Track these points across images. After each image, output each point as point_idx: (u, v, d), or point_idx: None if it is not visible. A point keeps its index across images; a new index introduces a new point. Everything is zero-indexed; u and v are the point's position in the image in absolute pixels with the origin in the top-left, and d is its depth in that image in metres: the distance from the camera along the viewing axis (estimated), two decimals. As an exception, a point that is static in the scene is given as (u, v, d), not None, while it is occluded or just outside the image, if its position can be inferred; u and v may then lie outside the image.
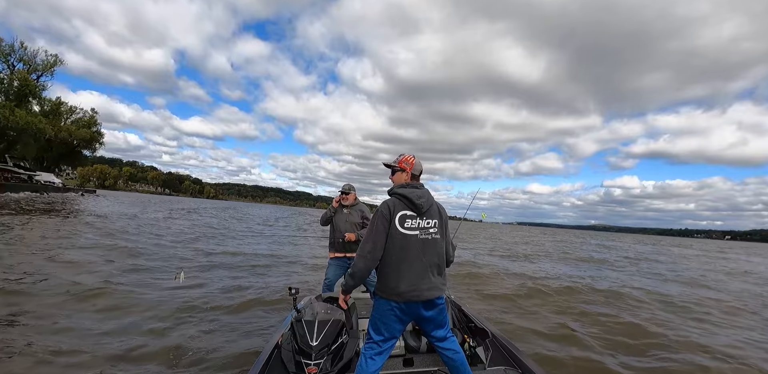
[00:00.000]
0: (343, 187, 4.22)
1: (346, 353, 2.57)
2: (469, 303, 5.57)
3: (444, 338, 2.29)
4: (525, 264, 12.06)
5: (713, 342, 4.68)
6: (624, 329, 4.97)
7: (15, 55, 36.31)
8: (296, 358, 2.43)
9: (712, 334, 5.10)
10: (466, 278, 8.36)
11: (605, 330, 4.91)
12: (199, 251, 9.70)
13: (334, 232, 4.13)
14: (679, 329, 5.17)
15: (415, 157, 2.36)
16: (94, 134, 50.16)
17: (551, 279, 8.90)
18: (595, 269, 12.15)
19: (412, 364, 2.81)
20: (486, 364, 2.68)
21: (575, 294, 7.19)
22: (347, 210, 4.16)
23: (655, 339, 4.63)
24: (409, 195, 2.19)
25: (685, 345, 4.49)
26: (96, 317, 4.24)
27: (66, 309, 4.35)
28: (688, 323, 5.62)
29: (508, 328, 4.72)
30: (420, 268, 2.13)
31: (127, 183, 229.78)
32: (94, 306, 4.55)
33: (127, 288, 5.37)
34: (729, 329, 5.46)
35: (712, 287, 9.70)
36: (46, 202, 25.30)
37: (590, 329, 4.91)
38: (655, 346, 4.42)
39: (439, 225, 2.25)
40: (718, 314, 6.39)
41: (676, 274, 12.01)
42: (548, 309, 5.91)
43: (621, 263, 14.88)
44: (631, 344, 4.42)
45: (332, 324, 2.55)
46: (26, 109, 35.63)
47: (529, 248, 20.54)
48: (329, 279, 4.09)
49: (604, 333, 4.75)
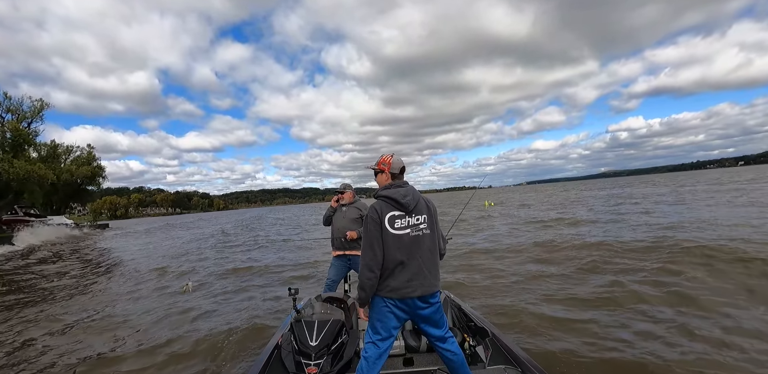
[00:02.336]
0: (340, 186, 4.34)
1: (345, 353, 2.59)
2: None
3: (442, 338, 2.31)
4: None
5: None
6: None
7: (2, 107, 35.99)
8: (296, 358, 2.47)
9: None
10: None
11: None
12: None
13: (334, 230, 4.24)
14: None
15: (393, 156, 2.42)
16: (95, 169, 50.23)
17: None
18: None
19: (412, 364, 2.83)
20: (486, 363, 2.65)
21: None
22: (345, 208, 4.26)
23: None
24: (393, 195, 2.25)
25: None
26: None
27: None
28: None
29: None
30: (414, 266, 2.19)
31: (138, 209, 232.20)
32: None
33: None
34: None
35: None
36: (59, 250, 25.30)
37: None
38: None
39: (428, 219, 2.30)
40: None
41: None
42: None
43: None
44: None
45: (332, 324, 2.60)
46: (24, 158, 35.53)
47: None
48: (331, 279, 4.18)
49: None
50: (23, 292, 8.40)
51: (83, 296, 7.62)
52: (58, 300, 7.25)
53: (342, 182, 4.37)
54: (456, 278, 6.53)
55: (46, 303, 7.12)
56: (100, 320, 5.64)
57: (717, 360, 3.15)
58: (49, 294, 7.98)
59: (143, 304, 6.47)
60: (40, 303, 7.06)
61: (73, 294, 7.78)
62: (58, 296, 7.69)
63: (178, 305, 6.10)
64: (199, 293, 6.81)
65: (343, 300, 3.23)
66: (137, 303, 6.60)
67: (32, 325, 5.61)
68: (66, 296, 7.66)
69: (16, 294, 8.16)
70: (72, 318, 5.88)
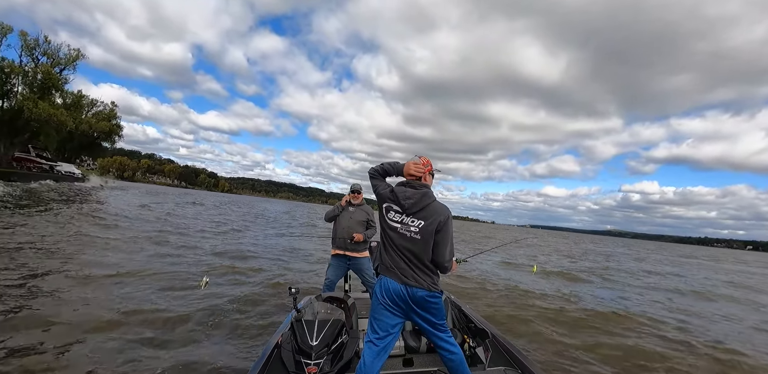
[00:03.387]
0: (353, 185, 4.31)
1: (345, 353, 2.60)
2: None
3: (441, 339, 2.32)
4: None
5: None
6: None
7: (39, 49, 37.41)
8: (296, 358, 2.47)
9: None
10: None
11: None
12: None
13: (337, 229, 4.21)
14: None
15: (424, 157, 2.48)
16: (113, 127, 51.32)
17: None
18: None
19: (411, 364, 2.86)
20: (486, 364, 2.68)
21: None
22: (353, 208, 4.26)
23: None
24: (397, 191, 2.33)
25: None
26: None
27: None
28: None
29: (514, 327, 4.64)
30: (396, 256, 2.28)
31: (145, 175, 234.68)
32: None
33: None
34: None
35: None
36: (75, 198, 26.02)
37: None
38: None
39: (425, 229, 2.25)
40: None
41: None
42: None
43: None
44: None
45: (332, 324, 2.60)
46: (49, 102, 36.73)
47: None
48: (329, 279, 4.15)
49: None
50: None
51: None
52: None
53: (356, 183, 4.30)
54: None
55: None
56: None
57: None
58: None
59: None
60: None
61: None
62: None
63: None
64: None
65: (344, 300, 3.23)
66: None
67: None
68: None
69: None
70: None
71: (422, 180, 2.39)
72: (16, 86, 35.14)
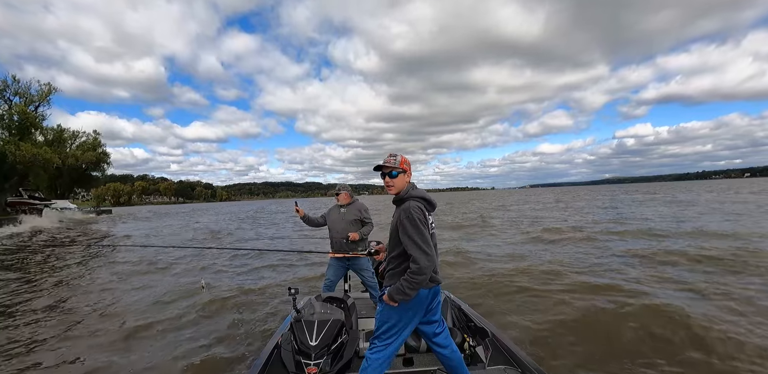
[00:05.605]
0: (336, 187, 4.27)
1: (345, 353, 2.60)
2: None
3: (437, 334, 2.32)
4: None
5: None
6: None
7: (10, 90, 36.49)
8: (296, 358, 2.47)
9: None
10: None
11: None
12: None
13: (333, 233, 4.14)
14: None
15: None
16: (100, 155, 50.50)
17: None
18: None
19: (412, 364, 2.85)
20: (486, 363, 2.68)
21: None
22: (344, 209, 4.16)
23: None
24: (426, 197, 2.26)
25: None
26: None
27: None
28: None
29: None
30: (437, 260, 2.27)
31: (141, 197, 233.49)
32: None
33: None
34: None
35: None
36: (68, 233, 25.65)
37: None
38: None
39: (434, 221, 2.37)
40: None
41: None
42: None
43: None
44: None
45: (332, 324, 2.59)
46: (31, 141, 35.99)
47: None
48: (329, 279, 4.12)
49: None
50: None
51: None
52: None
53: (339, 182, 4.21)
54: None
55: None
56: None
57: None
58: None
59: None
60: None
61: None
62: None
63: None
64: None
65: (343, 300, 3.23)
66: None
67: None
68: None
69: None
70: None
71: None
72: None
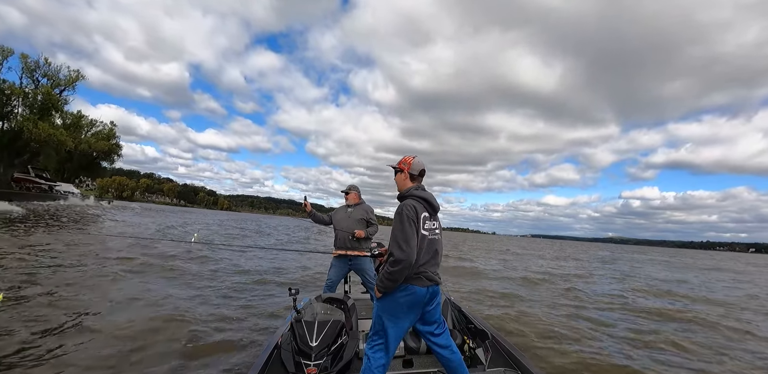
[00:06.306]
0: (346, 187, 4.35)
1: (345, 354, 2.60)
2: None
3: (437, 334, 2.33)
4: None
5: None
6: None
7: (39, 71, 38.15)
8: (296, 359, 2.47)
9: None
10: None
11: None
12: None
13: (337, 229, 4.21)
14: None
15: (415, 157, 2.40)
16: (112, 146, 51.54)
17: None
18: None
19: (411, 365, 2.85)
20: (486, 365, 2.67)
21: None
22: (351, 208, 4.25)
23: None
24: (427, 197, 2.28)
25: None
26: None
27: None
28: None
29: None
30: (432, 263, 2.28)
31: (144, 194, 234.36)
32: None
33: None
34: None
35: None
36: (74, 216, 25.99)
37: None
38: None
39: (440, 227, 2.38)
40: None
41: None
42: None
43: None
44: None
45: (332, 324, 2.60)
46: (49, 122, 37.16)
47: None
48: (331, 279, 4.16)
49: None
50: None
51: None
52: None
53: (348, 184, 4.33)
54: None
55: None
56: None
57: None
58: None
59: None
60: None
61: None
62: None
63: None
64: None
65: (344, 301, 3.24)
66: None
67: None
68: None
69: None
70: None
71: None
72: (16, 108, 35.69)
